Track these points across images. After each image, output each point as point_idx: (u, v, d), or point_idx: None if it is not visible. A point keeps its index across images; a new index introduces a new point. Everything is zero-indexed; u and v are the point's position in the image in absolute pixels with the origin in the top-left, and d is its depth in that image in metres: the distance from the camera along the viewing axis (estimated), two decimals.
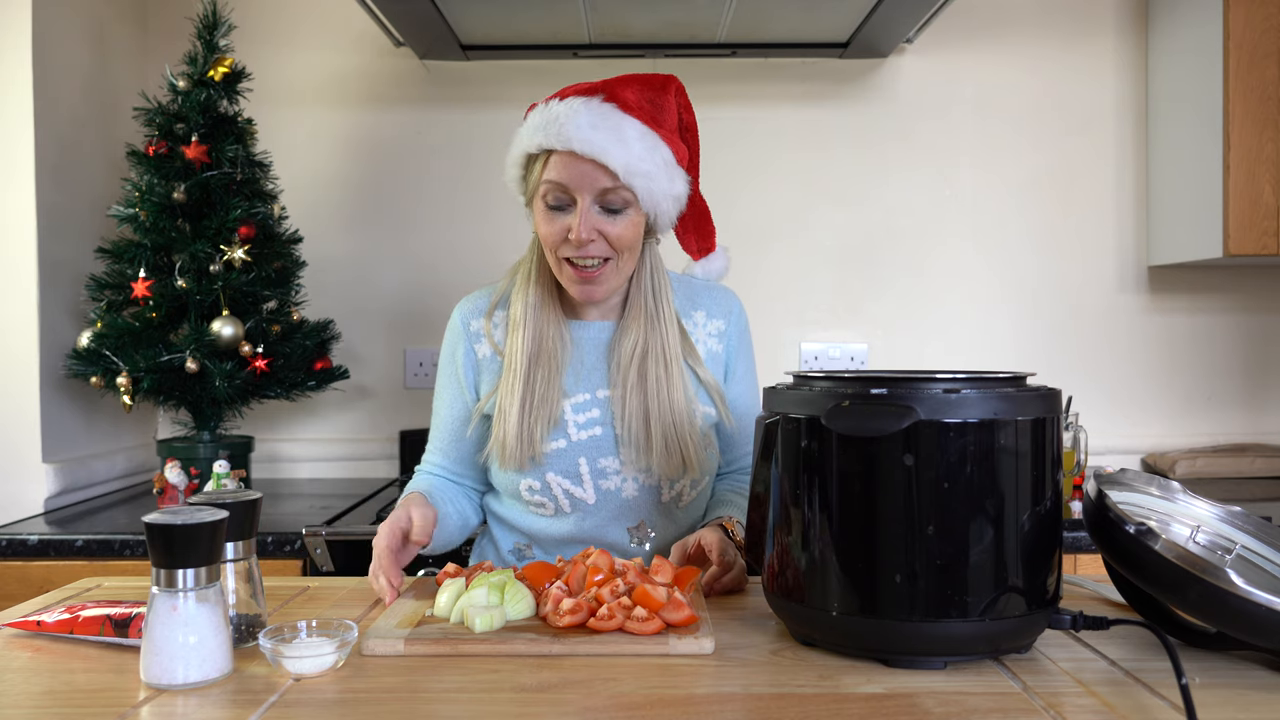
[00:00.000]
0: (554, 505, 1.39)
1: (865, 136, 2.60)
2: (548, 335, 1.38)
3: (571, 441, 1.37)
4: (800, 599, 0.96)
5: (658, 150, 1.31)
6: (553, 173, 1.30)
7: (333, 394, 2.53)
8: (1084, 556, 1.91)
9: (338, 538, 1.88)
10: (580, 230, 1.28)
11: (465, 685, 0.90)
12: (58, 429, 2.16)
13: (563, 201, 1.31)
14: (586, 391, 1.39)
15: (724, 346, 1.46)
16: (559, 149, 1.28)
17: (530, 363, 1.36)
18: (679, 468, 1.36)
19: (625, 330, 1.39)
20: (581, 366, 1.40)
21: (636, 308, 1.40)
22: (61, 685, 0.92)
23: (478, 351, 1.43)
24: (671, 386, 1.36)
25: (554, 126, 1.28)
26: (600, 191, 1.29)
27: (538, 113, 1.32)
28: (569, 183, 1.29)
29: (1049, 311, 2.61)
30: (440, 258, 2.59)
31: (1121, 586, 1.04)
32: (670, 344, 1.38)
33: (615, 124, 1.29)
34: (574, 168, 1.28)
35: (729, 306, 1.48)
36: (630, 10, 2.19)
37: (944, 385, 0.91)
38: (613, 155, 1.27)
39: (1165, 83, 2.50)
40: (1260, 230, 2.23)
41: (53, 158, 2.15)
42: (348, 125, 2.59)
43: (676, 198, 1.35)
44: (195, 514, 0.91)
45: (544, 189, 1.31)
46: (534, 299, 1.39)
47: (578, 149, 1.27)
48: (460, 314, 1.46)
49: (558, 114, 1.29)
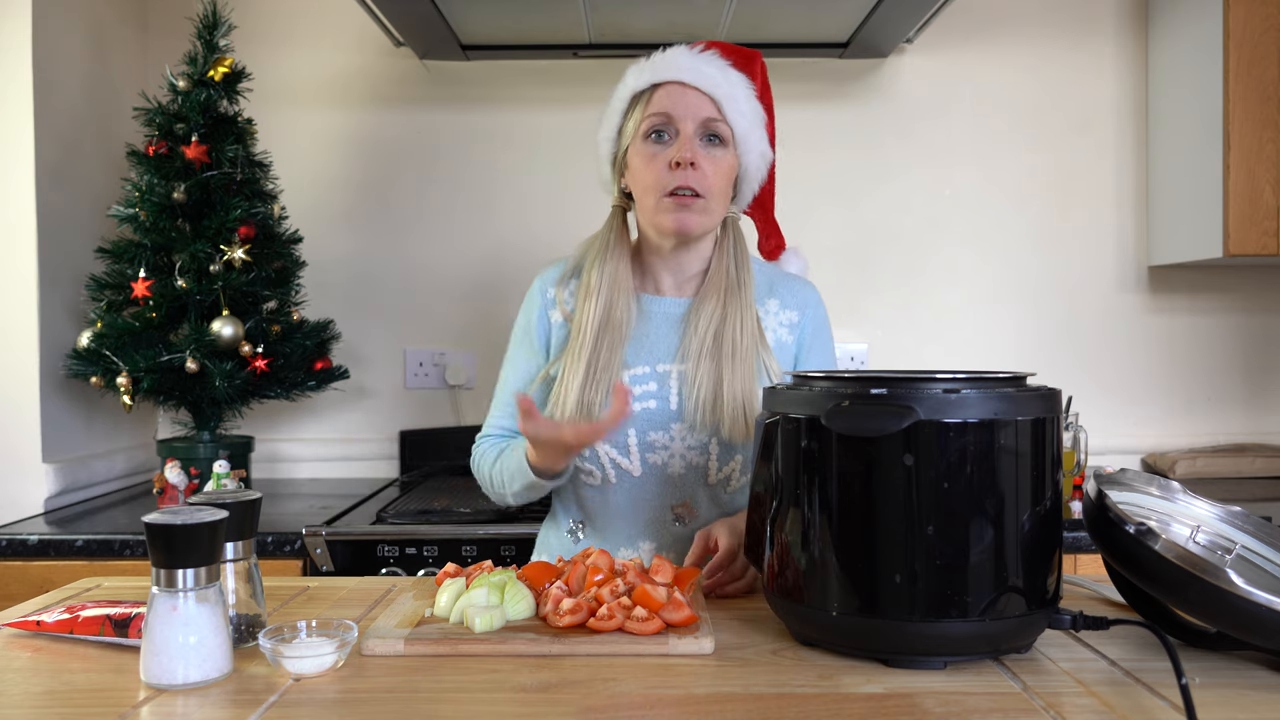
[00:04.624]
0: (600, 474, 1.39)
1: (865, 136, 2.60)
2: (618, 305, 1.39)
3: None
4: (800, 599, 0.96)
5: (752, 100, 1.40)
6: (657, 105, 1.36)
7: (333, 394, 2.53)
8: (1084, 556, 1.91)
9: (338, 538, 1.88)
10: (684, 151, 1.33)
11: (465, 685, 0.90)
12: (58, 429, 2.16)
13: (666, 131, 1.36)
14: (646, 365, 1.40)
15: (795, 338, 1.45)
16: (667, 79, 1.36)
17: (599, 332, 1.38)
18: (743, 434, 1.36)
19: (703, 301, 1.40)
20: (646, 339, 1.41)
21: (717, 280, 1.41)
22: (61, 685, 0.92)
23: (551, 317, 1.45)
24: (745, 359, 1.37)
25: (662, 63, 1.37)
26: (703, 121, 1.35)
27: (639, 64, 1.40)
28: (673, 110, 1.35)
29: (1049, 311, 2.61)
30: (440, 257, 2.59)
31: (1121, 586, 1.04)
32: (747, 320, 1.39)
33: (720, 66, 1.38)
34: (680, 96, 1.35)
35: (806, 299, 1.47)
36: (630, 10, 2.19)
37: (944, 385, 0.91)
38: (718, 85, 1.36)
39: (1165, 83, 2.50)
40: (1260, 230, 2.23)
41: (53, 158, 2.15)
42: (348, 125, 2.59)
43: (764, 155, 1.43)
44: (195, 514, 0.91)
45: (647, 124, 1.36)
46: (610, 270, 1.41)
47: (686, 78, 1.35)
48: (540, 281, 1.50)
49: (667, 55, 1.38)
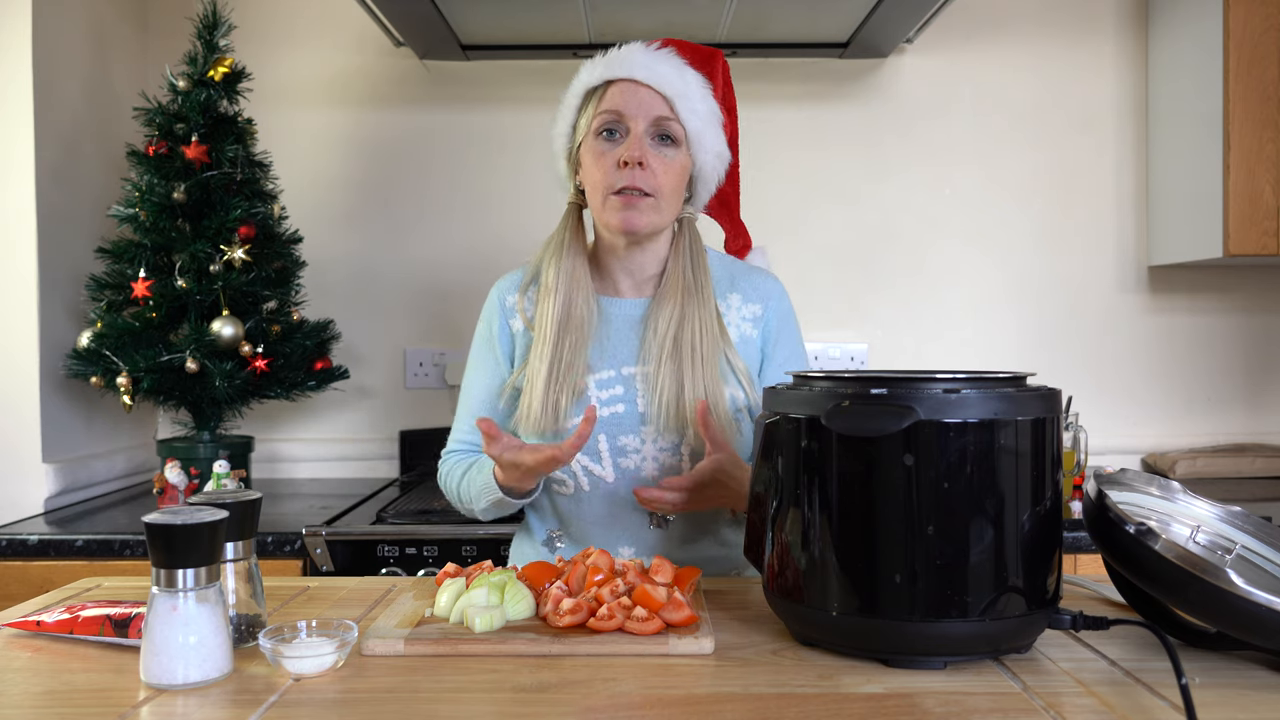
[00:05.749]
0: (574, 483, 1.38)
1: (865, 136, 2.60)
2: (577, 303, 1.38)
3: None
4: (800, 599, 0.96)
5: (708, 100, 1.38)
6: (609, 102, 1.35)
7: (333, 394, 2.53)
8: (1084, 556, 1.91)
9: (338, 538, 1.88)
10: (633, 150, 1.32)
11: (465, 685, 0.90)
12: (58, 429, 2.16)
13: (617, 129, 1.35)
14: (611, 368, 1.39)
15: (759, 332, 1.44)
16: (620, 77, 1.35)
17: (559, 330, 1.37)
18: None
19: (661, 303, 1.39)
20: (608, 342, 1.40)
21: (674, 282, 1.40)
22: (61, 685, 0.92)
23: (512, 326, 1.44)
24: (706, 362, 1.36)
25: (616, 59, 1.36)
26: (655, 120, 1.34)
27: (594, 60, 1.38)
28: (625, 109, 1.34)
29: (1049, 311, 2.61)
30: (440, 257, 2.59)
31: (1121, 586, 1.04)
32: (707, 321, 1.38)
33: (675, 64, 1.37)
34: (632, 94, 1.34)
35: (769, 292, 1.45)
36: (630, 10, 2.19)
37: (944, 385, 0.91)
38: (672, 84, 1.35)
39: (1165, 83, 2.50)
40: (1260, 230, 2.23)
41: (53, 158, 2.15)
42: (348, 125, 2.59)
43: (720, 155, 1.42)
44: (195, 514, 0.91)
45: (599, 121, 1.35)
46: (567, 267, 1.40)
47: (639, 76, 1.34)
48: (497, 290, 1.48)
49: (621, 51, 1.37)
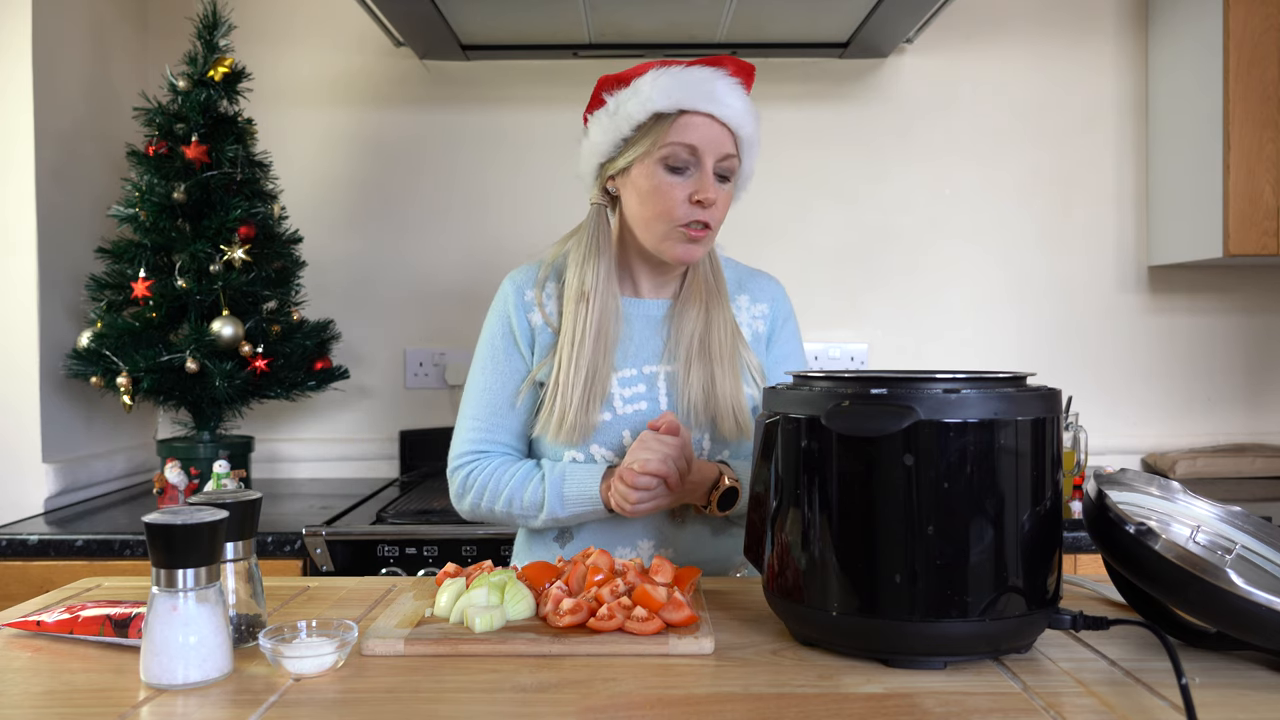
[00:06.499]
0: None
1: (865, 136, 2.60)
2: (610, 310, 1.38)
3: (617, 415, 1.37)
4: (800, 599, 0.96)
5: (758, 129, 1.37)
6: (684, 134, 1.31)
7: (333, 394, 2.53)
8: (1084, 556, 1.91)
9: (338, 538, 1.88)
10: (708, 190, 1.31)
11: (465, 685, 0.90)
12: (57, 429, 2.16)
13: (686, 164, 1.32)
14: (633, 367, 1.39)
15: (767, 328, 1.48)
16: (700, 110, 1.30)
17: (596, 339, 1.36)
18: (734, 431, 1.37)
19: (685, 305, 1.41)
20: (630, 342, 1.40)
21: (696, 285, 1.41)
22: (61, 685, 0.91)
23: (531, 320, 1.42)
24: (730, 361, 1.38)
25: (696, 88, 1.30)
26: (722, 157, 1.33)
27: (665, 74, 1.31)
28: (701, 144, 1.31)
29: (1049, 311, 2.61)
30: (440, 257, 2.59)
31: (1121, 586, 1.04)
32: (728, 322, 1.41)
33: (740, 95, 1.34)
34: (707, 129, 1.31)
35: (774, 293, 1.50)
36: (630, 10, 2.19)
37: (944, 385, 0.91)
38: (742, 123, 1.33)
39: (1165, 83, 2.50)
40: (1260, 230, 2.23)
41: (53, 158, 2.15)
42: (348, 125, 2.59)
43: (748, 177, 1.41)
44: (195, 514, 0.91)
45: (668, 151, 1.31)
46: (603, 273, 1.38)
47: (719, 113, 1.31)
48: (512, 284, 1.44)
49: (699, 77, 1.31)
